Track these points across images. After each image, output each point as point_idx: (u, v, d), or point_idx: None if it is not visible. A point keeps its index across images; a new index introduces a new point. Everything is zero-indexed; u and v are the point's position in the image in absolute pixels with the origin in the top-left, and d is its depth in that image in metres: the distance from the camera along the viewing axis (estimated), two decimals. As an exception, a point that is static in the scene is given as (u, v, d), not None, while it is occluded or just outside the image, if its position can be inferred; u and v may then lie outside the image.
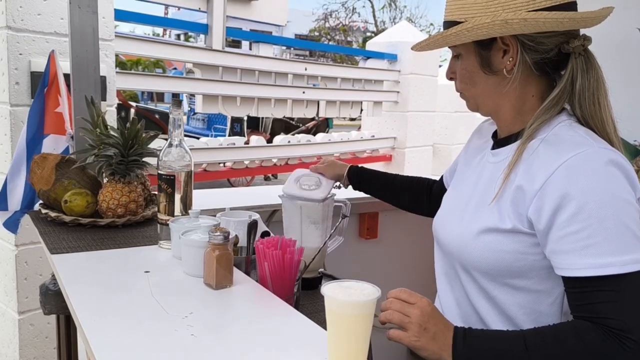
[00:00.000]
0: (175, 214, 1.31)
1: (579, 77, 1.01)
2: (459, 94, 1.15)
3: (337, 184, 1.54)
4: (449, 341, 0.92)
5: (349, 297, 0.76)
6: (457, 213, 1.13)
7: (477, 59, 1.06)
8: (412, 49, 1.20)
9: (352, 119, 16.96)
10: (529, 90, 1.06)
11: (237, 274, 1.13)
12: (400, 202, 1.58)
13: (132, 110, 8.81)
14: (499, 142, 1.13)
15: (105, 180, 1.54)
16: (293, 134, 6.72)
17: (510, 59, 1.02)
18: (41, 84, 1.87)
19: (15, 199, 1.79)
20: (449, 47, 1.11)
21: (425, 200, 1.51)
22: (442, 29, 1.07)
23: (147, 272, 1.14)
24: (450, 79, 1.14)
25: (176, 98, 1.31)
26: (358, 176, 1.56)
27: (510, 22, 0.96)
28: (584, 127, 1.02)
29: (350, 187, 1.58)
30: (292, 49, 18.08)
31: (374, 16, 24.83)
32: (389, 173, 1.59)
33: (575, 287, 0.92)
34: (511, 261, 1.00)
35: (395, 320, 0.95)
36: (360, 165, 1.59)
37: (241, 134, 9.56)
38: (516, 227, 0.98)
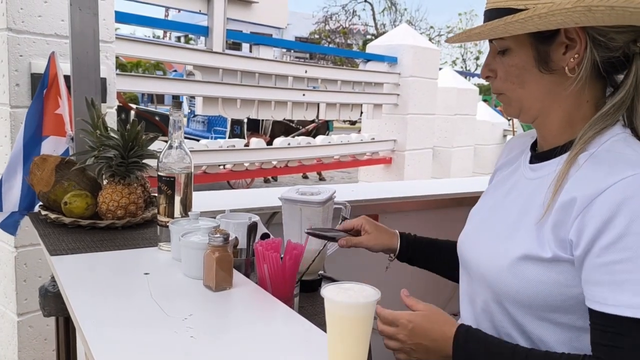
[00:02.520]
0: (175, 215, 1.31)
1: None
2: (496, 95, 1.02)
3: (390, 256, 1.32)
4: (447, 350, 0.91)
5: (348, 299, 0.76)
6: (489, 234, 1.01)
7: (533, 54, 0.91)
8: (448, 41, 1.04)
9: (352, 123, 16.99)
10: (585, 94, 0.92)
11: (237, 275, 1.13)
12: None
13: (133, 112, 8.81)
14: (540, 155, 0.99)
15: (105, 182, 1.54)
16: (293, 137, 6.72)
17: (576, 56, 0.88)
18: (40, 86, 1.87)
19: (10, 200, 1.79)
20: (490, 41, 0.96)
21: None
22: (472, 24, 0.96)
23: (146, 274, 1.14)
24: (487, 77, 1.00)
25: (176, 100, 1.31)
26: (412, 247, 1.32)
27: (594, 10, 0.80)
28: None
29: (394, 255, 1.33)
30: (292, 51, 18.11)
31: (374, 19, 24.88)
32: (435, 239, 1.36)
33: (602, 323, 0.81)
34: (551, 294, 0.88)
35: (392, 347, 0.96)
36: (411, 234, 1.34)
37: (241, 136, 9.55)
38: (557, 256, 0.86)
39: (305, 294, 1.25)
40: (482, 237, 1.02)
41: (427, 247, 1.33)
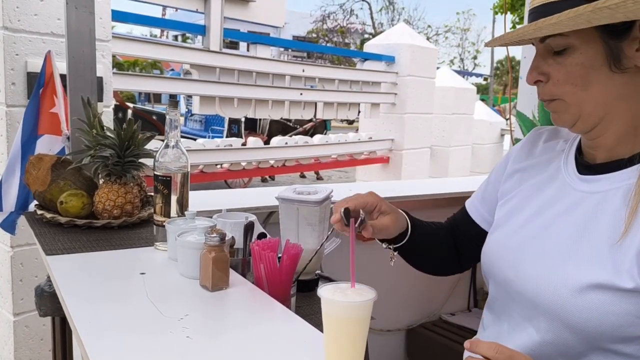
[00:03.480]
0: (172, 215, 1.30)
1: None
2: (545, 102, 0.89)
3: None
4: None
5: (345, 299, 0.76)
6: (536, 252, 0.89)
7: (604, 51, 0.81)
8: (488, 45, 0.94)
9: (349, 122, 17.00)
10: None
11: (234, 275, 1.12)
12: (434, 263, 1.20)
13: (130, 111, 8.80)
14: (595, 167, 0.89)
15: (101, 182, 1.53)
16: (290, 136, 6.72)
17: None
18: (37, 85, 1.87)
19: (10, 200, 1.79)
20: (542, 40, 0.85)
21: (454, 252, 1.18)
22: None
23: (142, 273, 1.13)
24: (537, 82, 0.88)
25: (173, 99, 1.30)
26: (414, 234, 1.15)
27: None
28: None
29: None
30: (289, 50, 18.10)
31: (372, 18, 24.90)
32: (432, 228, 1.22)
33: None
34: (620, 325, 0.78)
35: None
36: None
37: (239, 135, 9.55)
38: (639, 287, 0.77)
39: (302, 294, 1.24)
40: (527, 256, 0.90)
41: (426, 232, 1.18)
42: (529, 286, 0.88)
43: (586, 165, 0.91)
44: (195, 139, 5.42)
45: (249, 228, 1.25)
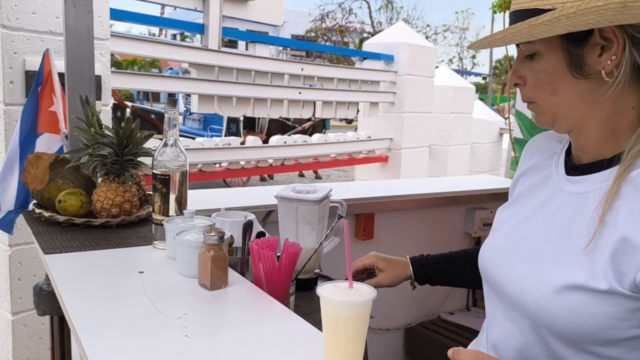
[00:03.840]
0: (170, 214, 1.30)
1: None
2: (526, 104, 0.92)
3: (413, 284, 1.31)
4: None
5: (344, 298, 0.76)
6: (524, 254, 0.91)
7: (564, 58, 0.83)
8: (470, 47, 0.96)
9: (348, 122, 16.99)
10: (629, 100, 0.82)
11: (232, 274, 1.12)
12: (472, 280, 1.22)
13: (128, 110, 8.79)
14: (580, 167, 0.90)
15: (99, 180, 1.53)
16: (289, 135, 6.72)
17: (613, 58, 0.79)
18: (35, 83, 1.86)
19: (8, 199, 1.78)
20: (518, 45, 0.89)
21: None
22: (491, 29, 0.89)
23: (141, 272, 1.13)
24: (516, 84, 0.91)
25: (171, 98, 1.30)
26: (426, 270, 1.29)
27: (630, 6, 0.71)
28: None
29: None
30: (288, 49, 18.08)
31: (371, 17, 24.89)
32: (448, 254, 1.32)
33: None
34: (600, 327, 0.78)
35: None
36: (423, 255, 1.32)
37: (238, 134, 9.55)
38: (614, 289, 0.76)
39: (301, 293, 1.24)
40: (516, 257, 0.92)
41: (440, 264, 1.30)
42: (513, 287, 0.90)
43: (574, 167, 0.92)
44: (193, 138, 5.42)
45: (247, 227, 1.25)
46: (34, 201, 1.62)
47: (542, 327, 0.84)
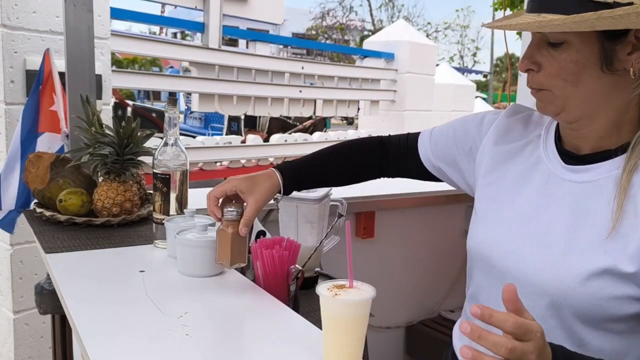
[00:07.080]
0: (171, 213, 1.30)
1: None
2: (533, 90, 0.93)
3: (277, 196, 1.16)
4: None
5: (344, 297, 0.76)
6: (537, 242, 0.92)
7: (599, 52, 0.84)
8: (485, 26, 0.95)
9: (349, 123, 16.97)
10: (637, 96, 0.88)
11: (233, 273, 1.12)
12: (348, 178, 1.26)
13: (129, 109, 8.80)
14: (581, 158, 0.93)
15: (100, 179, 1.53)
16: (290, 133, 6.71)
17: None
18: (36, 82, 1.86)
19: (9, 198, 1.78)
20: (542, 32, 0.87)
21: (377, 160, 1.25)
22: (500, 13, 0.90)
23: (142, 271, 1.13)
24: (527, 70, 0.91)
25: (172, 97, 1.30)
26: (296, 179, 1.19)
27: None
28: None
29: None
30: (289, 47, 18.07)
31: (371, 15, 24.88)
32: (318, 153, 1.27)
33: None
34: (621, 307, 0.83)
35: (502, 354, 0.65)
36: (284, 161, 1.24)
37: (239, 132, 9.54)
38: None
39: (301, 291, 1.24)
40: (526, 247, 0.92)
41: (310, 167, 1.23)
42: (532, 275, 0.90)
43: (571, 156, 0.94)
44: (194, 137, 5.42)
45: (248, 226, 1.25)
46: (35, 200, 1.62)
47: (567, 312, 0.87)
